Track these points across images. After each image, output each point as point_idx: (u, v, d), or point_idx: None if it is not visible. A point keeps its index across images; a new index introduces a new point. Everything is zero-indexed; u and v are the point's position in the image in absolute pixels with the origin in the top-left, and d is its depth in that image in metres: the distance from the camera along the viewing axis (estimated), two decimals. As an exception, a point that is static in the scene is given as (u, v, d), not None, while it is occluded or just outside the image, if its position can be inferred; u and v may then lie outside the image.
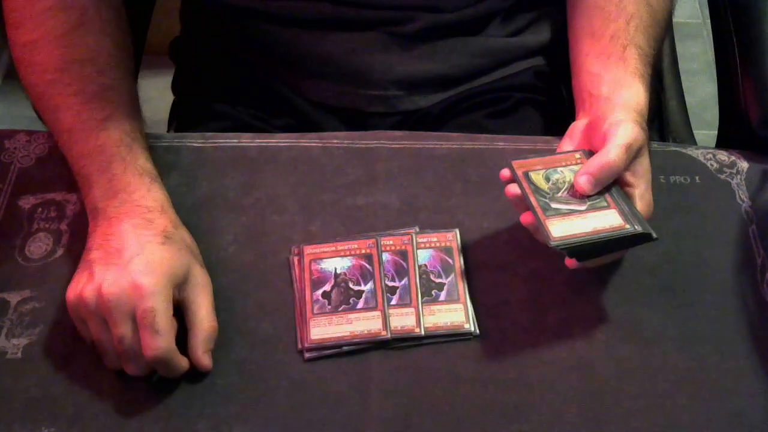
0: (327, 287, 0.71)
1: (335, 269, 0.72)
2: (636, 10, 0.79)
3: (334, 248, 0.73)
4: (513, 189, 0.70)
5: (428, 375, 0.67)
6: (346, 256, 0.73)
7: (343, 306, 0.70)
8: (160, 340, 0.64)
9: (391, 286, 0.71)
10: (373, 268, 0.72)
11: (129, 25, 0.80)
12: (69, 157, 0.75)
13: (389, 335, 0.68)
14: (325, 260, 0.72)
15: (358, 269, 0.72)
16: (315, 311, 0.70)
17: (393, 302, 0.70)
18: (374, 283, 0.71)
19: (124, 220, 0.69)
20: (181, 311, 0.68)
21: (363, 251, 0.72)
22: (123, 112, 0.75)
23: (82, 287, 0.67)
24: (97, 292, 0.66)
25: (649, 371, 0.68)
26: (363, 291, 0.71)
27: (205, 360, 0.67)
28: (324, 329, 0.69)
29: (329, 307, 0.70)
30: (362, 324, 0.69)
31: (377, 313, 0.69)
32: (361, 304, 0.70)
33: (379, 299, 0.70)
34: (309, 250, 0.73)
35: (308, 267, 0.72)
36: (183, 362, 0.66)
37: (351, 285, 0.71)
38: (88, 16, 0.75)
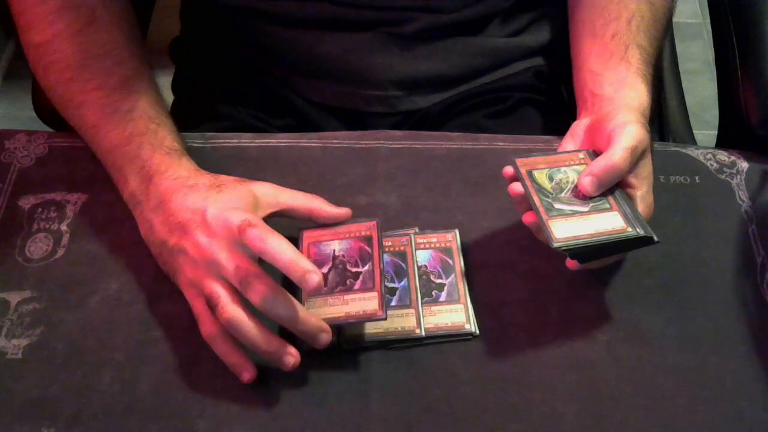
0: (324, 269, 0.70)
1: (333, 251, 0.71)
2: (637, 8, 0.79)
3: (333, 231, 0.72)
4: (517, 187, 0.69)
5: (428, 375, 0.67)
6: (344, 238, 0.72)
7: (339, 287, 0.69)
8: (270, 237, 0.65)
9: (391, 287, 0.71)
10: (372, 250, 0.71)
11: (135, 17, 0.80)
12: (99, 153, 0.76)
13: (385, 315, 0.67)
14: (324, 243, 0.71)
15: (357, 251, 0.71)
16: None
17: (393, 303, 0.70)
18: (372, 264, 0.70)
19: (172, 198, 0.70)
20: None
21: (362, 233, 0.72)
22: (147, 100, 0.76)
23: (191, 275, 0.67)
24: (199, 255, 0.66)
25: (649, 371, 0.68)
26: (360, 272, 0.70)
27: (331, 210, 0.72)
28: (318, 310, 0.67)
29: (325, 288, 0.69)
30: (358, 305, 0.68)
31: (374, 294, 0.68)
32: (357, 285, 0.69)
33: (377, 280, 0.69)
34: (308, 234, 0.72)
35: (307, 251, 0.71)
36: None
37: (349, 267, 0.70)
38: (98, 12, 0.76)
